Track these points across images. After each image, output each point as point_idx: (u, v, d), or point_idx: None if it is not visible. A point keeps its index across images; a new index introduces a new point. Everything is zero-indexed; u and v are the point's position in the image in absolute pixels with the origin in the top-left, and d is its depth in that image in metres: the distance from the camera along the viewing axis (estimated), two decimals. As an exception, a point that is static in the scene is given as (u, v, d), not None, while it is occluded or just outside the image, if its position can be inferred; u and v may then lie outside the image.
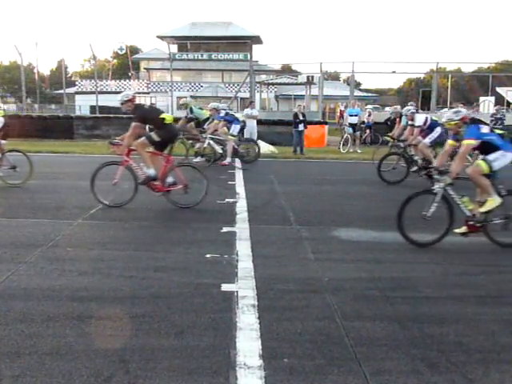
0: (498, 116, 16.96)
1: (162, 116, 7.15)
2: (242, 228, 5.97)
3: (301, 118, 15.71)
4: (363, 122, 19.61)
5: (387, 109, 33.53)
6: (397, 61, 54.01)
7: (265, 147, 16.60)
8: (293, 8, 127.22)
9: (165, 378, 2.68)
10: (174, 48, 47.22)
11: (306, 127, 16.01)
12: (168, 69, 32.41)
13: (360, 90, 54.58)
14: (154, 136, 7.02)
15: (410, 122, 10.45)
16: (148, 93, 46.54)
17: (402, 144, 10.54)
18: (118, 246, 5.20)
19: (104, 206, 6.93)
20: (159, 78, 49.36)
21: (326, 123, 21.14)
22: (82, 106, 37.85)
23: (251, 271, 4.40)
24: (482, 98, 33.17)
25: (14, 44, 25.16)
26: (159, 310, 3.55)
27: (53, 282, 4.07)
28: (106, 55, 76.56)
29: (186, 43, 49.93)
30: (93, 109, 29.47)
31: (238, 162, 12.32)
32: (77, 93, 46.71)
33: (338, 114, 33.40)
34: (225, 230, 5.89)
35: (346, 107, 18.87)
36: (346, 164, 13.80)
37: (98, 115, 23.49)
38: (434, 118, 10.46)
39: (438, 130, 9.88)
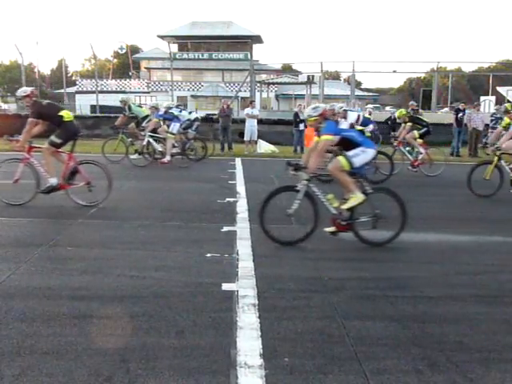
0: (499, 115, 16.93)
1: (61, 113, 7.04)
2: (242, 227, 5.97)
3: (301, 117, 15.71)
4: (363, 122, 19.60)
5: (387, 108, 33.52)
6: (397, 60, 54.14)
7: (265, 147, 16.61)
8: (293, 7, 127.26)
9: (165, 377, 2.68)
10: (175, 47, 47.29)
11: (306, 127, 15.99)
12: (168, 68, 32.41)
13: (360, 89, 54.53)
14: (55, 139, 6.95)
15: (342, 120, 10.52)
16: (148, 92, 46.53)
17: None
18: (119, 245, 5.20)
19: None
20: (160, 78, 49.33)
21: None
22: (83, 105, 37.83)
23: (252, 270, 4.40)
24: (482, 98, 33.13)
25: (15, 43, 25.19)
26: (160, 309, 3.55)
27: (53, 281, 4.07)
28: (107, 55, 76.73)
29: (186, 43, 49.95)
30: (93, 108, 29.45)
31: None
32: (77, 92, 46.71)
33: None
34: (225, 229, 5.89)
35: (345, 107, 18.80)
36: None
37: (98, 114, 23.49)
38: (366, 115, 10.54)
39: (370, 127, 10.15)
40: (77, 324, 3.28)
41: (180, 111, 13.60)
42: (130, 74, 54.10)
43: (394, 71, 33.85)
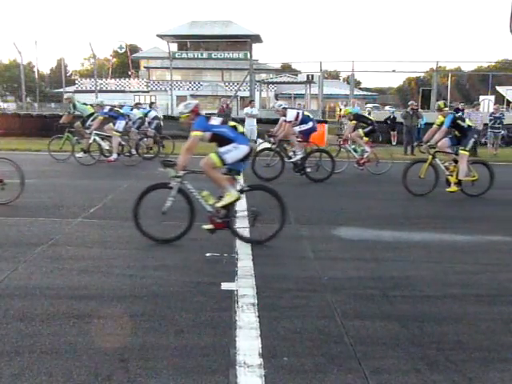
0: (497, 115, 16.95)
1: None
2: (241, 227, 5.95)
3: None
4: (363, 122, 19.60)
5: (387, 108, 33.53)
6: (397, 60, 54.13)
7: (264, 146, 16.58)
8: (293, 7, 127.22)
9: (164, 376, 2.68)
10: (174, 47, 47.22)
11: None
12: (168, 67, 32.38)
13: (360, 88, 54.57)
14: None
15: (282, 118, 10.48)
16: (148, 91, 46.48)
17: (272, 139, 10.41)
18: (118, 244, 5.20)
19: None
20: (159, 77, 49.30)
21: (325, 122, 21.11)
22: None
23: (251, 270, 4.40)
24: (481, 97, 33.15)
25: (14, 42, 25.14)
26: (159, 308, 3.55)
27: (52, 280, 4.07)
28: (106, 54, 76.60)
29: (185, 42, 49.89)
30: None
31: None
32: (76, 91, 46.59)
33: (338, 112, 33.39)
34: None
35: (345, 106, 18.86)
36: (343, 163, 13.74)
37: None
38: (305, 113, 10.49)
39: (309, 124, 10.17)
40: (76, 323, 3.28)
41: (131, 109, 13.57)
42: (130, 73, 54.05)
43: (394, 71, 33.71)
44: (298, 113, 10.37)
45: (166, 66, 36.92)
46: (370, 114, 20.41)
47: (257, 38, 49.33)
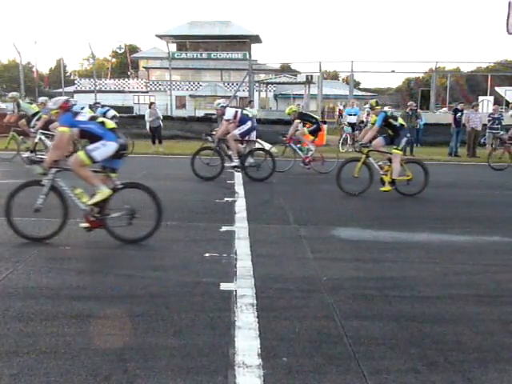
0: (496, 116, 16.97)
1: None
2: (240, 227, 5.97)
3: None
4: (362, 122, 19.61)
5: (386, 108, 33.46)
6: (396, 60, 54.20)
7: (264, 146, 16.57)
8: (292, 7, 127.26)
9: (163, 376, 2.68)
10: (173, 47, 47.24)
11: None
12: (167, 68, 32.40)
13: (359, 89, 54.58)
14: None
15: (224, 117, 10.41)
16: (147, 92, 46.49)
17: (209, 138, 10.38)
18: (117, 244, 5.19)
19: None
20: (158, 77, 49.31)
21: (325, 122, 21.11)
22: (81, 104, 37.84)
23: (250, 270, 4.40)
24: (480, 98, 33.19)
25: (13, 42, 25.12)
26: (158, 308, 3.54)
27: (51, 280, 4.07)
28: (105, 54, 76.46)
29: (185, 42, 49.95)
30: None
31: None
32: (76, 92, 46.62)
33: (337, 113, 33.41)
34: (224, 229, 5.88)
35: (345, 107, 18.87)
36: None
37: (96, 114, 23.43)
38: (244, 112, 10.37)
39: (248, 124, 10.05)
40: (75, 324, 3.28)
41: (82, 108, 13.54)
42: (129, 73, 54.05)
43: (393, 71, 33.77)
44: (236, 111, 10.23)
45: (165, 66, 36.94)
46: (368, 114, 20.43)
47: (256, 39, 49.37)
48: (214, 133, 10.67)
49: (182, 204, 7.48)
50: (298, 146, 11.33)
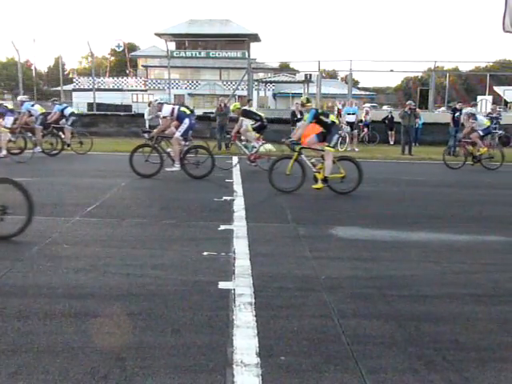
0: (494, 115, 16.99)
1: None
2: (239, 226, 5.97)
3: (299, 116, 15.71)
4: (361, 121, 19.62)
5: (385, 107, 33.51)
6: (394, 59, 54.20)
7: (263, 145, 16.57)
8: (291, 6, 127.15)
9: (161, 375, 2.68)
10: (172, 45, 47.25)
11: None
12: (166, 66, 32.38)
13: (358, 88, 54.58)
14: None
15: (159, 113, 10.38)
16: (146, 90, 46.46)
17: (146, 135, 10.33)
18: (115, 243, 5.19)
19: None
20: (157, 76, 49.30)
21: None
22: (80, 103, 37.75)
23: (248, 269, 4.39)
24: (479, 97, 33.21)
25: (12, 40, 25.05)
26: (156, 307, 3.54)
27: (49, 279, 4.06)
28: (104, 52, 76.33)
29: (183, 41, 49.93)
30: (90, 106, 29.38)
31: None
32: (74, 90, 46.62)
33: (336, 112, 33.40)
34: (222, 227, 5.88)
35: (343, 106, 18.87)
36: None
37: (95, 112, 23.47)
38: (182, 109, 10.22)
39: (186, 122, 9.89)
40: (73, 322, 3.27)
41: (32, 105, 13.55)
42: (127, 71, 53.97)
43: (391, 70, 33.72)
44: (173, 108, 10.11)
45: (164, 64, 36.95)
46: (367, 113, 20.43)
47: (255, 37, 49.37)
48: (151, 130, 10.50)
49: (180, 202, 7.48)
50: (244, 143, 11.31)
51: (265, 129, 11.51)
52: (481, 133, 13.21)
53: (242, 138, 11.63)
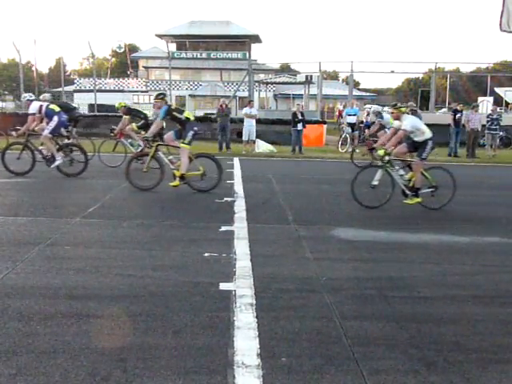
0: (495, 116, 16.98)
1: None
2: (240, 227, 5.97)
3: (299, 117, 15.72)
4: (362, 122, 19.62)
5: (385, 109, 33.49)
6: (395, 60, 54.25)
7: (263, 146, 16.62)
8: (292, 7, 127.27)
9: (162, 376, 2.68)
10: (173, 47, 47.20)
11: (304, 126, 16.02)
12: (167, 67, 32.38)
13: (359, 89, 54.57)
14: None
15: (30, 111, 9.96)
16: (146, 91, 46.43)
17: (14, 133, 10.00)
18: (116, 244, 5.20)
19: None
20: (158, 77, 49.30)
21: (324, 123, 21.16)
22: (81, 104, 37.76)
23: (249, 270, 4.39)
24: (480, 98, 33.18)
25: (13, 41, 25.06)
26: (157, 308, 3.54)
27: (50, 280, 4.06)
28: (105, 53, 76.31)
29: (184, 42, 49.91)
30: (91, 107, 29.38)
31: None
32: (75, 91, 46.61)
33: (337, 113, 33.41)
34: (223, 228, 5.88)
35: (344, 107, 18.88)
36: (344, 163, 13.78)
37: (96, 113, 23.45)
38: (50, 106, 9.90)
39: (55, 120, 9.67)
40: (74, 323, 3.27)
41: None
42: (128, 72, 54.00)
43: (392, 71, 33.85)
44: (41, 106, 9.82)
45: (165, 65, 36.93)
46: (368, 114, 20.42)
47: (256, 38, 49.35)
48: (18, 128, 10.02)
49: (181, 204, 7.48)
50: (129, 141, 11.24)
51: (148, 127, 10.74)
52: (387, 131, 13.18)
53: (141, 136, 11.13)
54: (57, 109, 9.90)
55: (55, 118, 9.67)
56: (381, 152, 7.39)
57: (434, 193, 7.56)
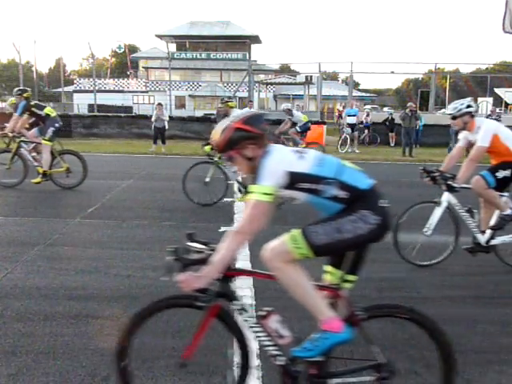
0: (494, 117, 16.99)
1: None
2: (239, 227, 5.95)
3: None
4: (361, 122, 19.64)
5: (385, 109, 33.56)
6: (395, 61, 54.22)
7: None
8: (292, 8, 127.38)
9: (162, 377, 2.68)
10: (173, 47, 47.22)
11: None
12: (166, 68, 32.40)
13: (358, 90, 54.59)
14: None
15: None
16: (146, 92, 46.46)
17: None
18: (116, 245, 5.19)
19: None
20: (158, 77, 49.30)
21: (324, 123, 21.15)
22: (81, 104, 37.77)
23: (249, 271, 4.38)
24: (480, 99, 33.21)
25: (13, 42, 25.10)
26: (156, 309, 3.53)
27: (50, 280, 4.06)
28: (105, 54, 76.54)
29: (184, 42, 49.92)
30: (91, 107, 29.42)
31: None
32: (75, 91, 46.61)
33: (337, 114, 33.42)
34: (223, 229, 5.87)
35: (344, 107, 18.89)
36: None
37: (96, 114, 23.46)
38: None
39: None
40: (73, 324, 3.27)
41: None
42: (128, 73, 54.01)
43: (392, 72, 33.90)
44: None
45: (165, 66, 36.95)
46: (368, 115, 20.45)
47: (256, 39, 49.35)
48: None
49: (181, 204, 7.48)
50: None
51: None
52: (298, 129, 13.23)
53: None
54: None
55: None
56: (207, 149, 7.25)
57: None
